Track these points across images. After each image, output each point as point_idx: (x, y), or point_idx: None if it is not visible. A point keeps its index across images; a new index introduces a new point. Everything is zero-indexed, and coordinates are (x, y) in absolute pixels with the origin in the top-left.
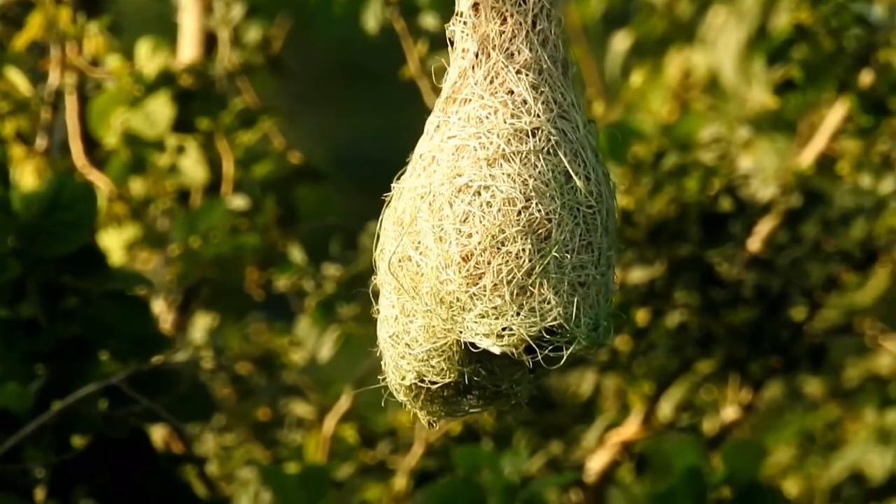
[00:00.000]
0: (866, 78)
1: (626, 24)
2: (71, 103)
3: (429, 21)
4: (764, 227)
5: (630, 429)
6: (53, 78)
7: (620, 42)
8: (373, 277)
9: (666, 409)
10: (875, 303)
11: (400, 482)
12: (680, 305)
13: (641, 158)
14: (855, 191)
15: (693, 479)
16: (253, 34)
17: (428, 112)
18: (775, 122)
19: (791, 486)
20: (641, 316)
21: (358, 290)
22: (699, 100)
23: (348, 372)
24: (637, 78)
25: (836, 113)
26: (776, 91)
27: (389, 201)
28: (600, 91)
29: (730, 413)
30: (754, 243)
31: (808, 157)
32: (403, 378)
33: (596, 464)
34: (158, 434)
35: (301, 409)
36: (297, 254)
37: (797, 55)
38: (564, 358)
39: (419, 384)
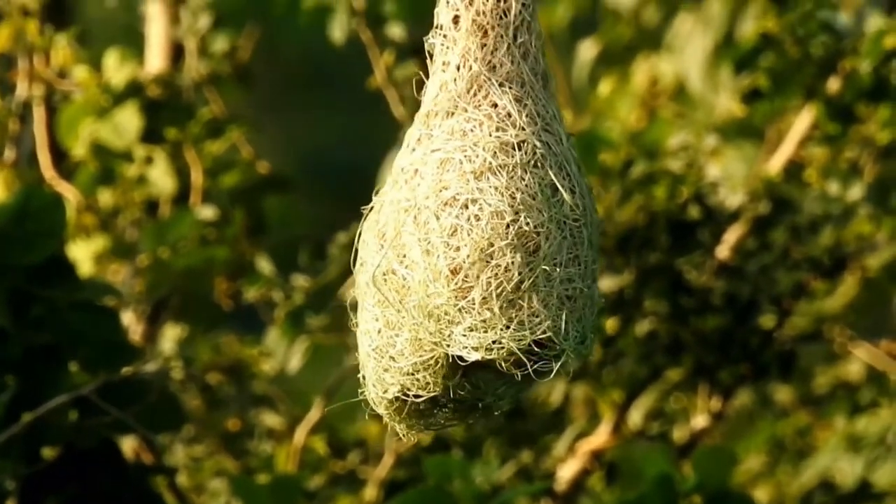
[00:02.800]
0: (833, 85)
1: (593, 31)
2: (39, 114)
3: (395, 31)
4: (732, 235)
5: (600, 437)
6: (21, 89)
7: (587, 50)
8: (343, 289)
9: (636, 417)
10: (844, 310)
11: (370, 492)
12: (649, 313)
13: (610, 166)
14: (823, 198)
15: (663, 487)
16: (220, 44)
17: (395, 121)
18: (743, 129)
19: (761, 494)
20: (611, 324)
21: (333, 305)
22: (667, 107)
23: (318, 382)
24: (605, 86)
25: (803, 120)
26: (743, 99)
27: (368, 214)
28: (568, 99)
29: (700, 421)
30: (723, 251)
31: (775, 164)
32: (386, 391)
33: (566, 472)
34: (128, 445)
35: (271, 419)
36: (265, 264)
37: (764, 63)
38: (553, 371)
39: (402, 397)
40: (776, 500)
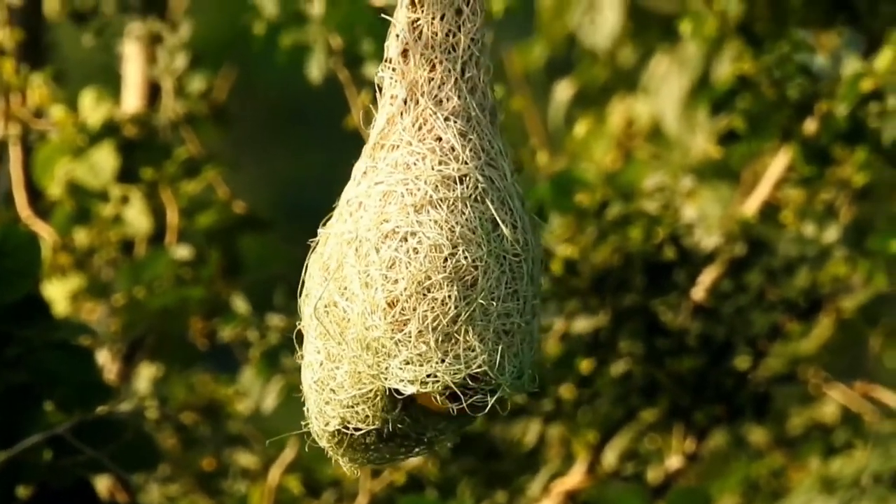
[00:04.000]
0: (809, 127)
1: (569, 72)
2: (15, 154)
3: (372, 71)
4: (708, 276)
5: (575, 478)
6: None
7: (563, 91)
8: (298, 324)
9: (610, 457)
10: (819, 351)
11: None
12: (624, 354)
13: (585, 207)
14: (799, 240)
15: None
16: (197, 84)
17: None
18: (719, 170)
19: None
20: (586, 365)
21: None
22: (642, 148)
23: (293, 422)
24: (580, 127)
25: (779, 162)
26: (719, 140)
27: (315, 246)
28: (544, 140)
29: (674, 462)
30: (698, 292)
31: (751, 205)
32: (327, 424)
33: None
34: (103, 484)
35: (246, 459)
36: (241, 304)
37: (740, 105)
38: (488, 406)
39: (343, 430)
40: None
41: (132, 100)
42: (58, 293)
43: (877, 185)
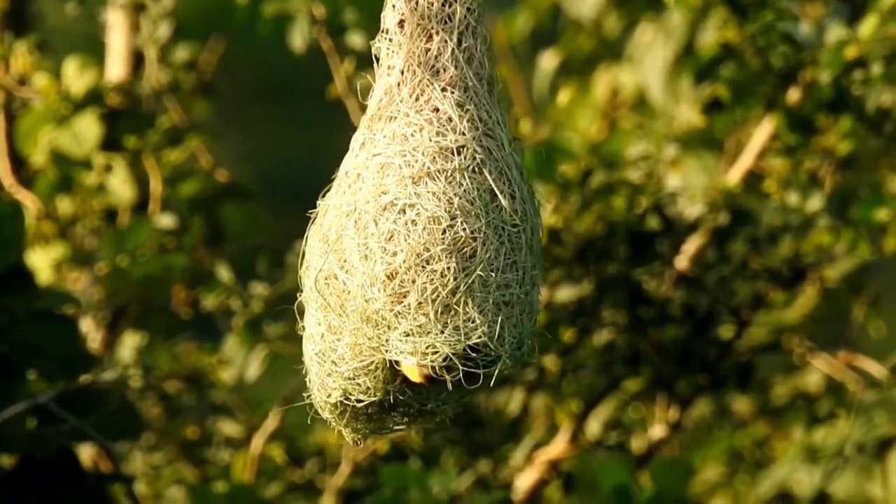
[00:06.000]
0: (793, 96)
1: (554, 42)
2: None
3: (355, 40)
4: (691, 246)
5: (558, 447)
6: None
7: (548, 60)
8: (299, 295)
9: (594, 427)
10: (802, 321)
11: (328, 501)
12: (608, 324)
13: (569, 177)
14: (782, 209)
15: (620, 498)
16: (181, 53)
17: (355, 130)
18: (703, 139)
19: None
20: (569, 334)
21: (284, 307)
22: (627, 118)
23: (276, 391)
24: (565, 96)
25: (763, 131)
26: (703, 109)
27: (315, 218)
28: (528, 109)
29: (658, 431)
30: (682, 261)
31: (735, 175)
32: (329, 396)
33: (524, 482)
34: (87, 453)
35: (229, 428)
36: (224, 273)
37: (724, 73)
38: (493, 377)
39: (345, 402)
40: None
41: (116, 68)
42: (41, 262)
43: (861, 154)
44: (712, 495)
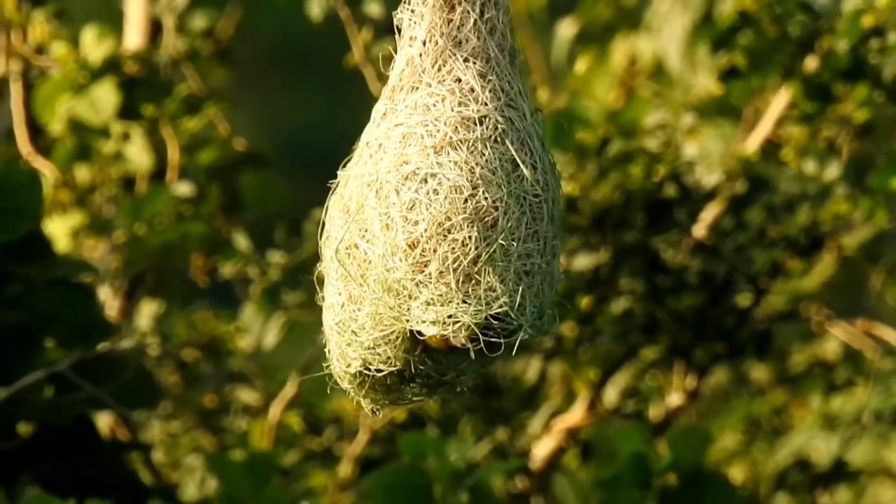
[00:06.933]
0: (811, 64)
1: (572, 11)
2: (16, 91)
3: (373, 8)
4: (709, 214)
5: (575, 415)
6: None
7: (566, 29)
8: (318, 265)
9: (611, 395)
10: (820, 289)
11: (345, 469)
12: (625, 292)
13: (586, 145)
14: (800, 177)
15: (638, 466)
16: (199, 21)
17: (373, 99)
18: (720, 108)
19: (736, 472)
20: (586, 302)
21: (302, 276)
22: (644, 86)
23: (294, 359)
24: (582, 65)
25: (780, 99)
26: (721, 77)
27: (335, 188)
28: (546, 78)
29: (675, 399)
30: (699, 230)
31: (752, 143)
32: (349, 366)
33: (541, 450)
34: (104, 421)
35: (247, 396)
36: (241, 241)
37: (742, 42)
38: (514, 347)
39: (364, 372)
40: (751, 479)
41: (133, 37)
42: (59, 230)
43: (878, 122)
44: (729, 463)
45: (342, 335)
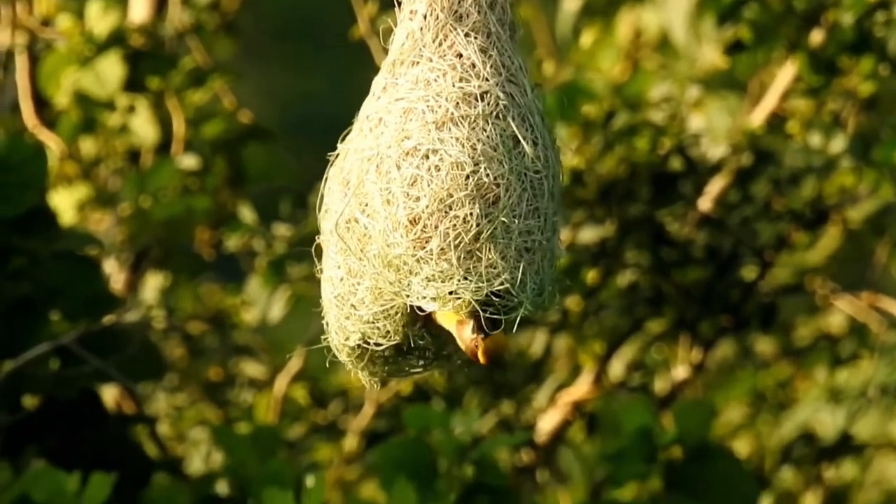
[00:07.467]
0: (816, 37)
1: None
2: (21, 63)
3: None
4: (714, 187)
5: (581, 388)
6: (4, 38)
7: (571, 2)
8: (318, 237)
9: (617, 368)
10: (825, 262)
11: (350, 442)
12: (630, 265)
13: (592, 118)
14: (805, 150)
15: (643, 439)
16: None
17: (377, 71)
18: (726, 81)
19: (741, 445)
20: (592, 276)
21: (304, 249)
22: (650, 59)
23: (299, 332)
24: (588, 38)
25: (786, 72)
26: (726, 51)
27: (334, 161)
28: (551, 51)
29: (680, 372)
30: (705, 203)
31: (758, 116)
32: (347, 339)
33: (547, 424)
34: (109, 394)
35: (252, 369)
36: (247, 214)
37: (747, 15)
38: (515, 323)
39: (363, 345)
40: (756, 452)
41: (139, 9)
42: (64, 203)
43: (883, 96)
44: (735, 436)
45: (341, 308)
